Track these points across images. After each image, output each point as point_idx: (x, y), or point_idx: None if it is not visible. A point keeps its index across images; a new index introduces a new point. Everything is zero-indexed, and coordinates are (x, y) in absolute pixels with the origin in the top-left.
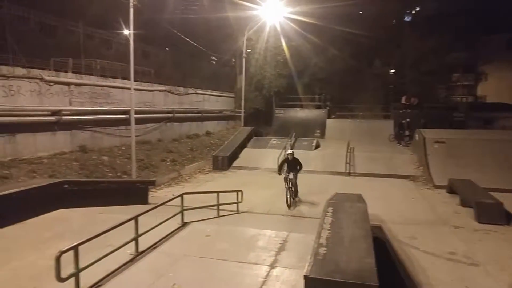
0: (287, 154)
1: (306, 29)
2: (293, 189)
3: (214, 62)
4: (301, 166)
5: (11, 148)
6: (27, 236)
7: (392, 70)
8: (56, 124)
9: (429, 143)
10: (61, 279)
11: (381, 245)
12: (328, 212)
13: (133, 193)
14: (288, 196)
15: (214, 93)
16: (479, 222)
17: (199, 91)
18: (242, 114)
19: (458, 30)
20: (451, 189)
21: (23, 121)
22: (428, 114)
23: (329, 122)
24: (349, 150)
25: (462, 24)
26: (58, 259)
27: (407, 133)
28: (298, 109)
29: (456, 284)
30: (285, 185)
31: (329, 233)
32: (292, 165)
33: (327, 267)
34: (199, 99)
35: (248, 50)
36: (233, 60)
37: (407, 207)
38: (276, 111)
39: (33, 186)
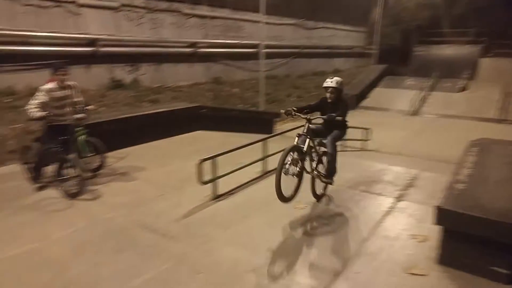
0: (325, 86)
1: None
2: (320, 164)
3: None
4: (344, 116)
5: (158, 76)
6: (174, 149)
7: None
8: (193, 56)
9: None
10: (202, 182)
11: None
12: (471, 152)
13: (260, 123)
14: (296, 169)
15: (344, 27)
16: None
17: (328, 25)
18: (375, 51)
19: None
20: None
21: (166, 52)
22: None
23: (483, 61)
24: (505, 95)
25: None
26: (199, 165)
27: None
28: (443, 45)
29: None
30: (296, 142)
31: (470, 171)
32: (330, 110)
33: (464, 202)
34: (328, 34)
35: None
36: None
37: None
38: (416, 48)
39: (177, 107)
